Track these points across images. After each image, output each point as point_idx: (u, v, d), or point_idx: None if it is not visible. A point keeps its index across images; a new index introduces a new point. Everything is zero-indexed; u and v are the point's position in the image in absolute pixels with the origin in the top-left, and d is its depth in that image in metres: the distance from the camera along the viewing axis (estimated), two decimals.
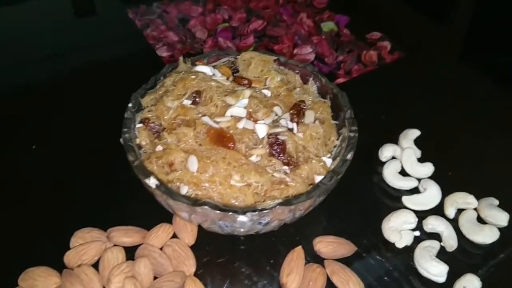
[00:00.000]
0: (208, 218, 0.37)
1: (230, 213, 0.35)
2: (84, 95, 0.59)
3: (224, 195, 0.37)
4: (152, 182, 0.37)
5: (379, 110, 0.58)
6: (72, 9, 0.78)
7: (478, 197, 0.47)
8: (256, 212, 0.35)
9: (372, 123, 0.54)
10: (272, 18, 0.77)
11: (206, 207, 0.35)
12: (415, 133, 0.52)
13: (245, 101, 0.41)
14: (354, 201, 0.48)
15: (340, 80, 0.65)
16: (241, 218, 0.35)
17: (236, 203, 0.37)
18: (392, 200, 0.48)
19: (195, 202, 0.35)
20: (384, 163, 0.51)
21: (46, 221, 0.45)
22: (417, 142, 0.52)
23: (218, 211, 0.35)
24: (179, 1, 0.80)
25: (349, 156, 0.40)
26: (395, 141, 0.53)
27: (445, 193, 0.47)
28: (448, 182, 0.48)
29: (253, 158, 0.39)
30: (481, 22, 0.77)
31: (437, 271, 0.40)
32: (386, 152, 0.51)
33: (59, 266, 0.41)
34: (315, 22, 0.76)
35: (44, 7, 0.77)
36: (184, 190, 0.38)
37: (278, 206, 0.35)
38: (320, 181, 0.38)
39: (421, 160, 0.50)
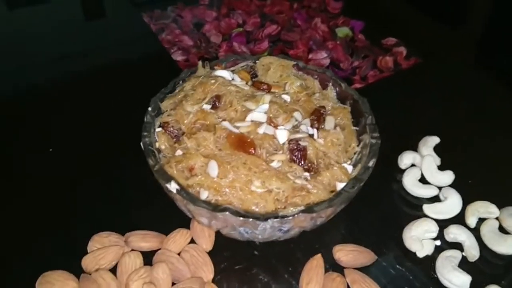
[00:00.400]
0: (228, 224, 0.36)
1: (251, 219, 0.34)
2: (100, 99, 0.59)
3: (244, 201, 0.37)
4: (173, 187, 0.36)
5: (397, 116, 0.57)
6: (82, 12, 0.78)
7: (500, 206, 0.46)
8: (278, 219, 0.35)
9: (390, 129, 0.52)
10: (287, 23, 0.77)
11: (227, 213, 0.34)
12: (434, 140, 0.52)
13: (265, 106, 0.41)
14: (374, 209, 0.47)
15: (356, 86, 0.64)
16: (263, 224, 0.35)
17: (257, 210, 0.37)
18: (412, 208, 0.47)
19: (216, 207, 0.35)
20: (403, 170, 0.50)
21: (64, 224, 0.45)
22: (437, 149, 0.52)
23: (239, 217, 0.34)
24: (194, 5, 0.80)
25: (371, 164, 0.39)
26: (414, 148, 0.52)
27: (466, 201, 0.46)
28: (468, 191, 0.47)
29: (274, 164, 0.38)
30: (498, 26, 0.76)
31: (460, 281, 0.39)
32: (406, 159, 0.50)
33: (77, 271, 0.40)
34: (330, 27, 0.76)
35: (58, 10, 0.78)
36: (204, 195, 0.37)
37: (300, 214, 0.35)
38: (343, 188, 0.37)
39: (441, 168, 0.50)
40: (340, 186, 0.38)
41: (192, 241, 0.43)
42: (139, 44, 0.73)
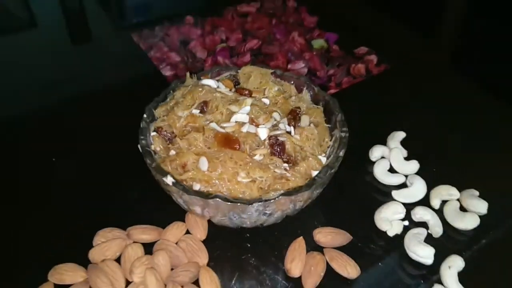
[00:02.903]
0: (219, 210, 0.41)
1: (239, 204, 0.39)
2: (98, 115, 0.64)
3: (232, 191, 0.42)
4: (169, 180, 0.41)
5: (368, 116, 0.62)
6: (68, 37, 0.82)
7: (459, 190, 0.51)
8: (261, 203, 0.40)
9: (362, 127, 0.57)
10: (266, 38, 0.82)
11: (218, 199, 0.40)
12: (401, 135, 0.57)
13: (247, 108, 0.46)
14: (349, 197, 0.52)
15: (332, 91, 0.69)
16: (249, 208, 0.40)
17: (243, 197, 0.42)
18: (383, 195, 0.52)
19: (207, 196, 0.40)
20: (374, 162, 0.55)
21: (70, 224, 0.49)
22: (403, 143, 0.57)
23: (228, 203, 0.39)
24: (180, 24, 0.86)
25: (341, 153, 0.45)
26: (383, 142, 0.57)
27: (430, 187, 0.52)
28: (432, 178, 0.52)
29: (257, 157, 0.44)
30: (465, 37, 0.83)
31: (425, 253, 0.45)
32: (376, 152, 0.56)
33: (85, 263, 0.45)
34: (306, 40, 0.82)
35: (43, 35, 0.81)
36: (196, 187, 0.42)
37: (281, 197, 0.40)
38: (317, 175, 0.43)
39: (407, 159, 0.55)
40: (315, 173, 0.44)
41: (188, 233, 0.48)
42: (130, 63, 0.78)
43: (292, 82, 0.54)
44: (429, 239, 0.47)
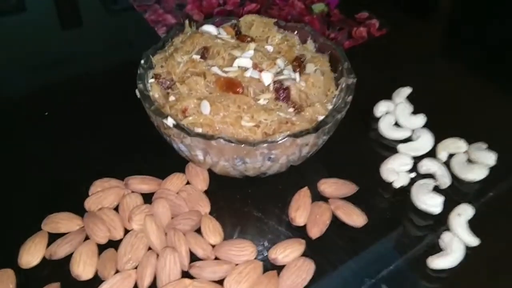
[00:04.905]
0: (223, 153, 0.39)
1: (244, 145, 0.38)
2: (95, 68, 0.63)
3: (235, 136, 0.40)
4: (170, 121, 0.39)
5: (372, 75, 0.59)
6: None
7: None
8: (267, 145, 0.38)
9: (366, 86, 0.55)
10: (265, 2, 0.81)
11: (221, 140, 0.38)
12: (406, 90, 0.56)
13: (250, 52, 0.44)
14: (353, 153, 0.51)
15: None
16: (254, 151, 0.38)
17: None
18: (388, 150, 0.51)
19: (211, 136, 0.38)
20: (378, 119, 0.54)
21: (65, 173, 0.48)
22: (409, 99, 0.55)
23: (232, 144, 0.38)
24: None
25: (349, 99, 0.43)
26: (388, 99, 0.56)
27: (437, 141, 0.50)
28: (439, 132, 0.51)
29: (261, 101, 0.42)
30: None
31: (434, 201, 0.43)
32: (381, 107, 0.54)
33: (81, 213, 0.43)
34: (306, 5, 0.80)
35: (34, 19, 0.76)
36: (198, 131, 0.40)
37: (286, 138, 0.38)
38: (324, 119, 0.41)
39: (413, 114, 0.54)
40: (321, 118, 0.42)
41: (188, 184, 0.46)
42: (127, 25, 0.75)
43: (296, 32, 0.52)
44: (437, 191, 0.46)
